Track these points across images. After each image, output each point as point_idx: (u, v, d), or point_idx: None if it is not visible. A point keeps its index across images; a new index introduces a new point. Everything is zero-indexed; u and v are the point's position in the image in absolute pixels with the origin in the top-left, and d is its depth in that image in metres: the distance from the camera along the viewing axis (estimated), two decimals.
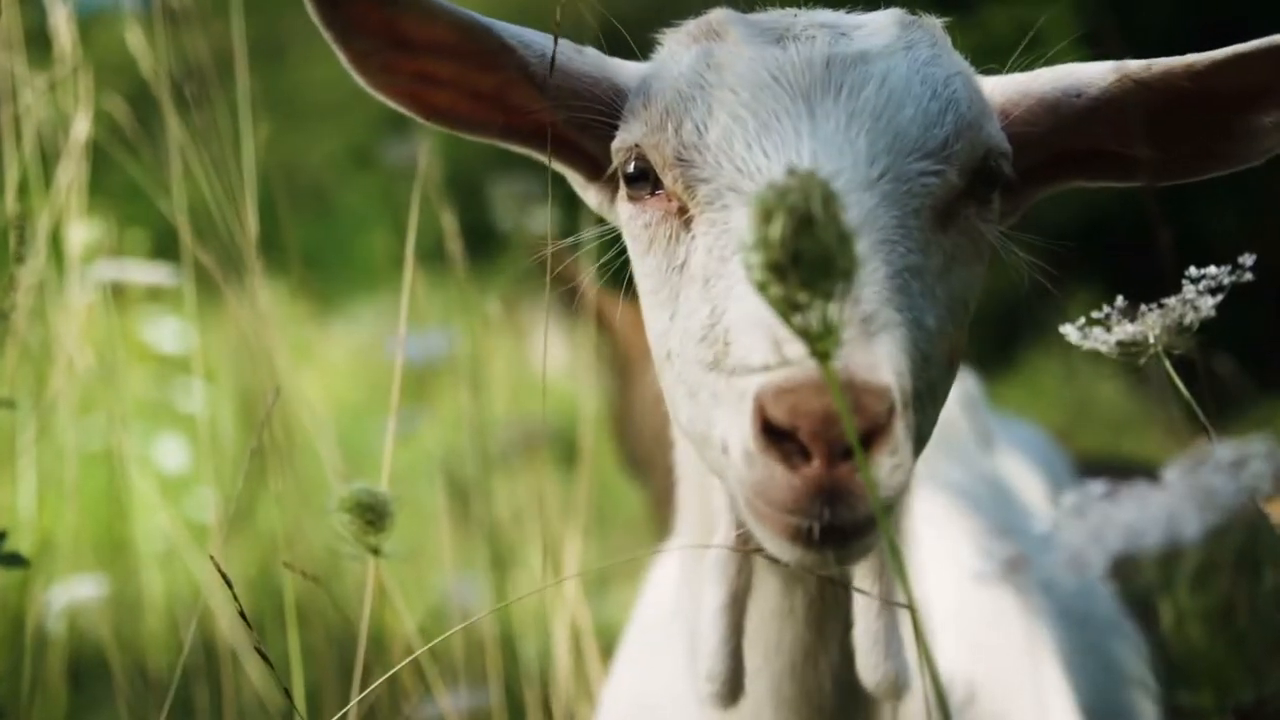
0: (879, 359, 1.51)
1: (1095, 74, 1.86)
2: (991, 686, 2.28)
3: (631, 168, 1.79)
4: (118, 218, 4.01)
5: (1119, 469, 2.01)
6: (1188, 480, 0.98)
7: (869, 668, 1.81)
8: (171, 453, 5.27)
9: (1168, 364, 1.63)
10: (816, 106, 1.68)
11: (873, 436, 1.47)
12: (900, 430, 1.49)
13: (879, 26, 1.78)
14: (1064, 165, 1.91)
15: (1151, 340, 1.63)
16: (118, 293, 3.79)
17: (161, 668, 3.55)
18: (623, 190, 1.83)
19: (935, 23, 1.83)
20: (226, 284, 2.71)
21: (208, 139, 2.68)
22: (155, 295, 4.13)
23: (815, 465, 1.47)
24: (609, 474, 6.57)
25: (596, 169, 1.94)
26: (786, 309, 1.05)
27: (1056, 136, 1.86)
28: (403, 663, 2.27)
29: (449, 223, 2.89)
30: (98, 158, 3.02)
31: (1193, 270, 1.62)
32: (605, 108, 1.86)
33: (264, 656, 1.86)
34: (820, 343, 1.05)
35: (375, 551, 1.81)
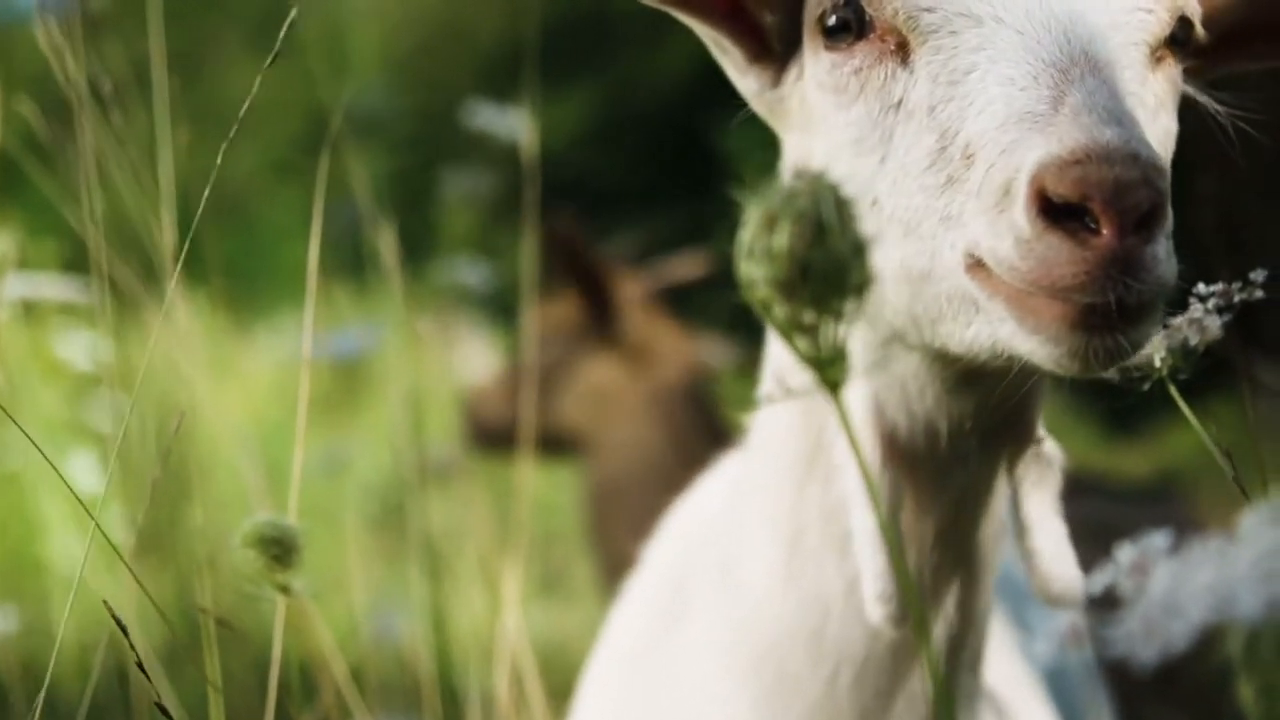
0: (1148, 142, 1.49)
1: None
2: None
3: (834, 18, 1.76)
4: (29, 229, 3.87)
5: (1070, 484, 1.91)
6: (1274, 536, 0.84)
7: (1054, 575, 1.81)
8: (84, 472, 5.10)
9: (1175, 391, 1.52)
10: None
11: (1155, 214, 1.46)
12: (1170, 214, 1.48)
13: None
14: (1234, 44, 1.88)
15: (1157, 364, 1.52)
16: (29, 308, 3.65)
17: (73, 697, 3.41)
18: (818, 47, 1.80)
19: None
20: (143, 297, 2.57)
21: (125, 147, 2.54)
22: (69, 310, 3.98)
23: (1106, 236, 1.44)
24: (550, 489, 6.46)
25: (759, 48, 1.90)
26: (792, 330, 0.90)
27: (1231, 13, 1.85)
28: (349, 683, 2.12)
29: (386, 234, 2.78)
30: (9, 168, 2.89)
31: (1201, 287, 1.53)
32: None
33: (163, 711, 1.72)
34: (830, 370, 0.91)
35: (283, 590, 1.66)
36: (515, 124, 3.37)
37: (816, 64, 1.80)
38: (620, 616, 2.51)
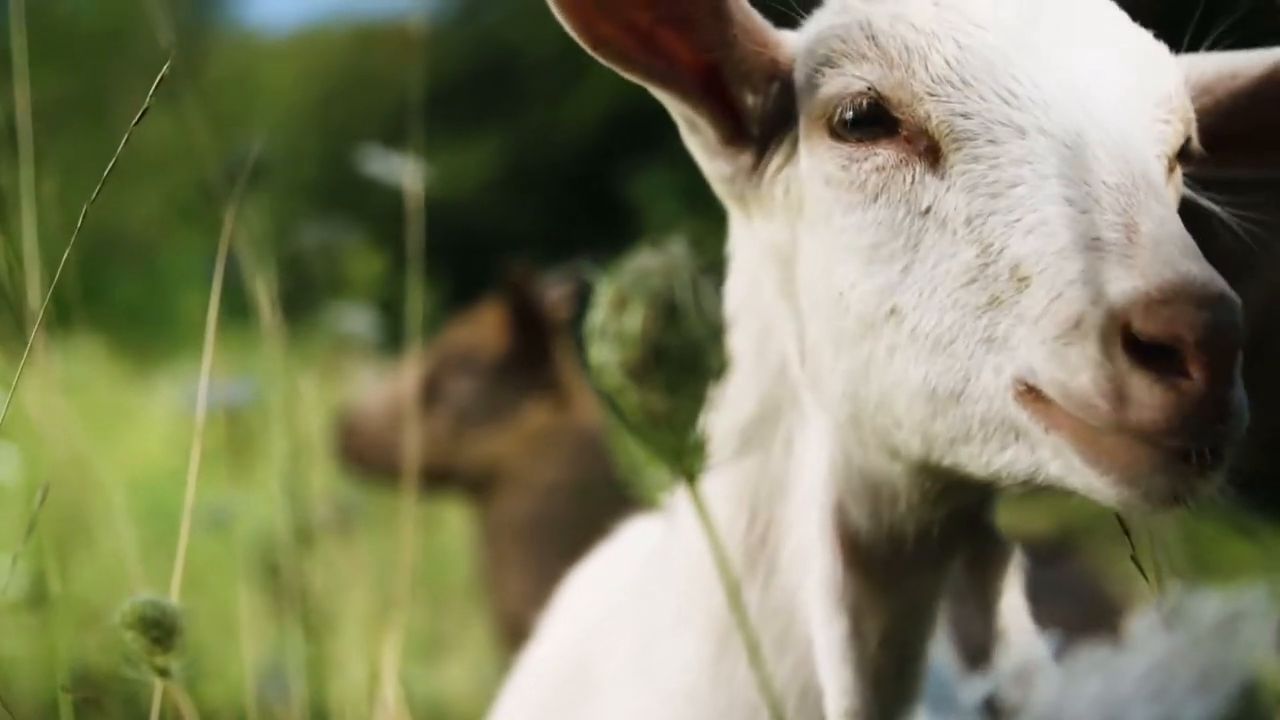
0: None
1: (1255, 57, 1.81)
2: None
3: (851, 113, 1.67)
4: None
5: None
6: (1166, 644, 0.79)
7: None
8: None
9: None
10: (1069, 40, 1.64)
11: (1234, 355, 1.41)
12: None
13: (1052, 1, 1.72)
14: (1220, 150, 1.82)
15: None
16: None
17: None
18: (822, 139, 1.71)
19: None
20: (28, 346, 2.49)
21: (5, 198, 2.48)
22: None
23: (1197, 380, 1.38)
24: (446, 537, 6.37)
25: (735, 129, 1.80)
26: (645, 419, 0.84)
27: (1211, 119, 1.78)
28: None
29: (264, 284, 2.71)
30: None
31: None
32: (768, 61, 1.77)
33: None
34: (688, 460, 0.85)
35: (162, 673, 1.58)
36: (404, 170, 3.31)
37: (823, 157, 1.71)
38: (515, 695, 2.43)
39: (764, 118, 1.77)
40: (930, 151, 1.63)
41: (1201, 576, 1.60)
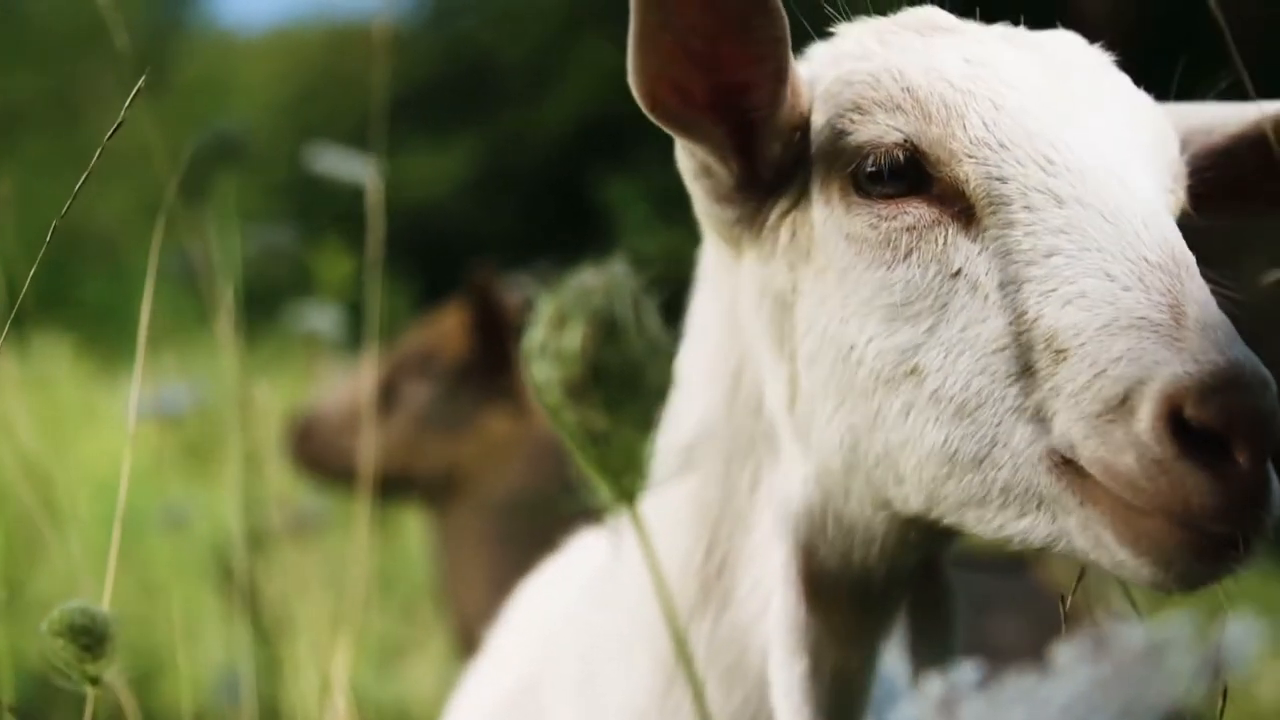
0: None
1: (1230, 113, 1.81)
2: None
3: (884, 164, 1.64)
4: None
5: None
6: (1090, 673, 0.79)
7: None
8: None
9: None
10: (1094, 109, 1.63)
11: (1276, 442, 1.40)
12: None
13: (1076, 53, 1.73)
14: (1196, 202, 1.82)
15: None
16: None
17: None
18: (845, 193, 1.67)
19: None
20: None
21: None
22: None
23: (1244, 468, 1.39)
24: (409, 541, 6.36)
25: (747, 176, 1.75)
26: (584, 438, 0.84)
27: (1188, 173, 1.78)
28: None
29: (224, 292, 2.70)
30: None
31: None
32: (799, 114, 1.72)
33: None
34: (625, 479, 0.84)
35: (93, 681, 1.56)
36: (358, 169, 3.29)
37: (848, 212, 1.67)
38: (464, 714, 2.41)
39: (781, 166, 1.74)
40: (964, 213, 1.61)
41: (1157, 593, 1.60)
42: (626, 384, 0.82)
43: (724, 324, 1.82)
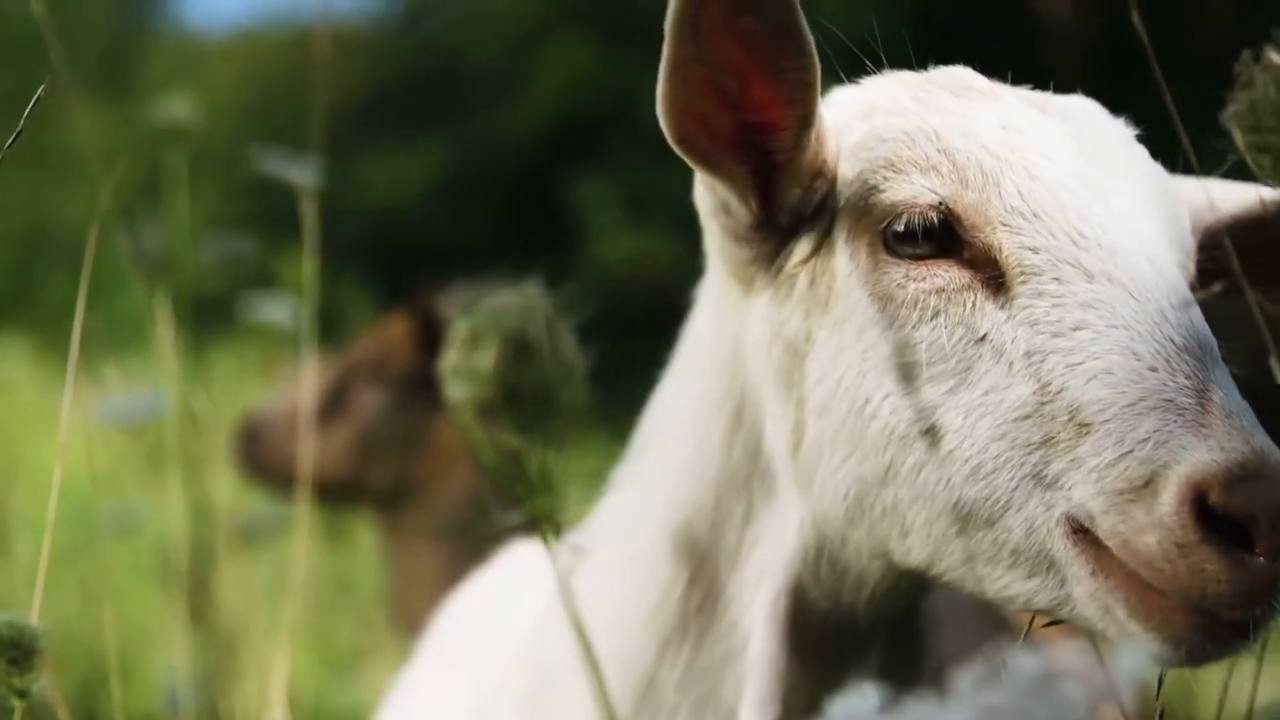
0: None
1: (1231, 193, 1.82)
2: None
3: (917, 225, 1.65)
4: None
5: None
6: (986, 700, 0.79)
7: None
8: None
9: None
10: (1121, 179, 1.65)
11: None
12: None
13: (1103, 123, 1.75)
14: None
15: None
16: None
17: None
18: (874, 249, 1.68)
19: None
20: None
21: None
22: None
23: (1265, 559, 1.43)
24: (367, 547, 6.34)
25: (765, 217, 1.76)
26: (496, 457, 0.84)
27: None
28: None
29: (160, 300, 2.69)
30: None
31: None
32: (821, 161, 1.73)
33: None
34: (539, 499, 0.85)
35: (20, 695, 1.55)
36: (305, 172, 3.28)
37: (876, 269, 1.68)
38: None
39: (799, 211, 1.74)
40: (995, 280, 1.62)
41: None
42: (539, 404, 0.83)
43: (727, 361, 1.82)
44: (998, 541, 1.58)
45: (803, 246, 1.74)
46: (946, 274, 1.64)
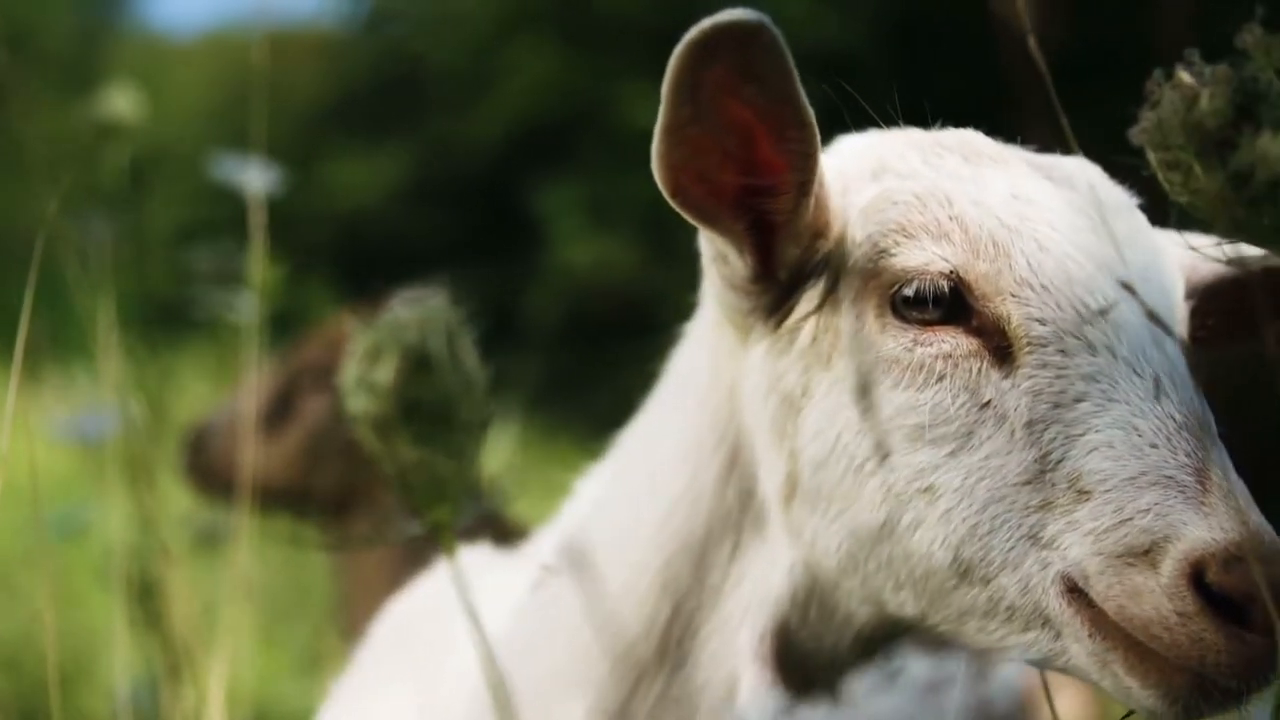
0: None
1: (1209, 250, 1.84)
2: None
3: (928, 291, 1.67)
4: None
5: None
6: (880, 704, 0.81)
7: None
8: None
9: None
10: (1125, 249, 1.67)
11: None
12: None
13: (1108, 192, 1.76)
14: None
15: None
16: None
17: None
18: (881, 312, 1.70)
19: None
20: None
21: None
22: None
23: (1261, 635, 1.47)
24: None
25: (763, 269, 1.77)
26: (396, 470, 0.85)
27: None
28: None
29: (104, 307, 2.68)
30: None
31: None
32: (823, 223, 1.74)
33: None
34: (436, 510, 0.85)
35: None
36: (254, 177, 3.28)
37: (881, 331, 1.70)
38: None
39: (797, 267, 1.76)
40: (1001, 349, 1.65)
41: None
42: (438, 418, 0.84)
43: (723, 404, 1.83)
44: (993, 598, 1.62)
45: (805, 303, 1.76)
46: (954, 340, 1.66)
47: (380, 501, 4.54)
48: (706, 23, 1.57)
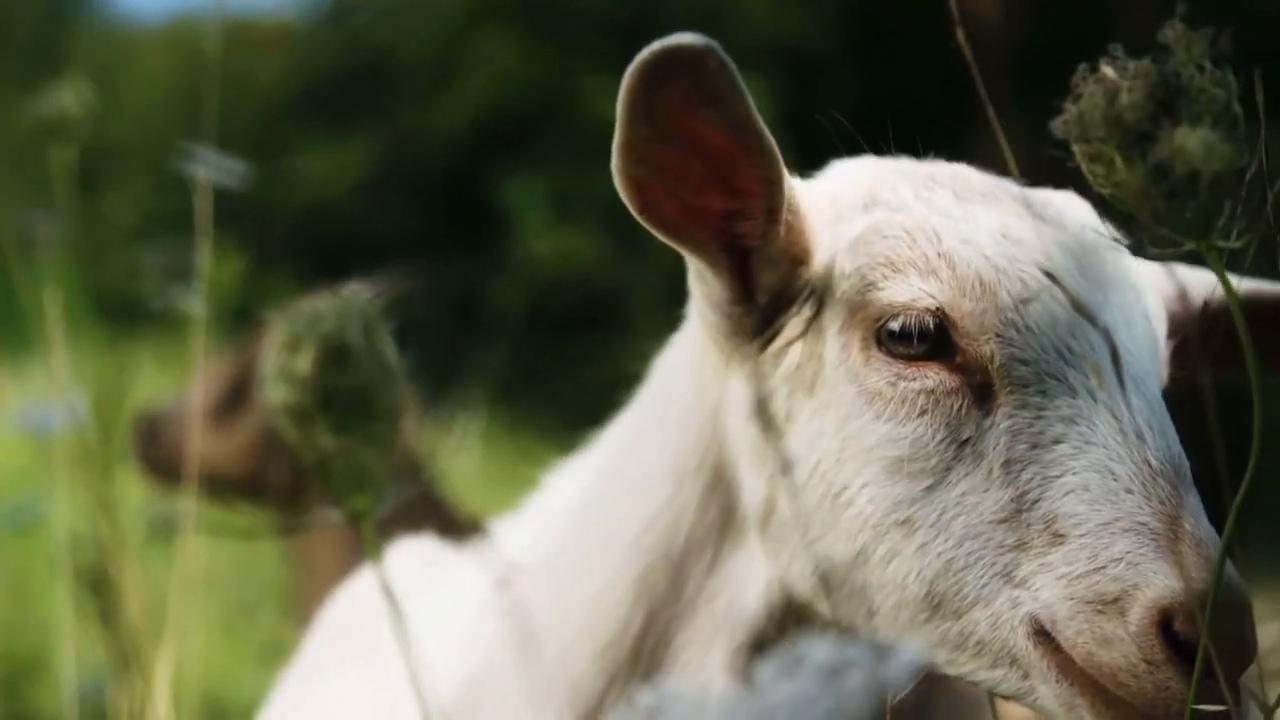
0: None
1: (1199, 281, 1.89)
2: None
3: (913, 326, 1.69)
4: None
5: None
6: (783, 688, 0.82)
7: None
8: None
9: None
10: (1110, 292, 1.70)
11: (1252, 659, 1.54)
12: None
13: (1093, 230, 1.77)
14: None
15: None
16: None
17: None
18: (865, 345, 1.72)
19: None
20: None
21: None
22: None
23: (1225, 682, 1.49)
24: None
25: (744, 292, 1.79)
26: (312, 456, 0.86)
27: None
28: None
29: (52, 300, 2.68)
30: None
31: None
32: (800, 250, 1.76)
33: None
34: (355, 499, 0.87)
35: None
36: (204, 168, 3.26)
37: (865, 364, 1.71)
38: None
39: (776, 293, 1.77)
40: (983, 387, 1.67)
41: None
42: (356, 407, 0.85)
43: (708, 422, 1.85)
44: (963, 633, 1.64)
45: (790, 329, 1.77)
46: (937, 376, 1.68)
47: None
48: (655, 45, 1.59)
